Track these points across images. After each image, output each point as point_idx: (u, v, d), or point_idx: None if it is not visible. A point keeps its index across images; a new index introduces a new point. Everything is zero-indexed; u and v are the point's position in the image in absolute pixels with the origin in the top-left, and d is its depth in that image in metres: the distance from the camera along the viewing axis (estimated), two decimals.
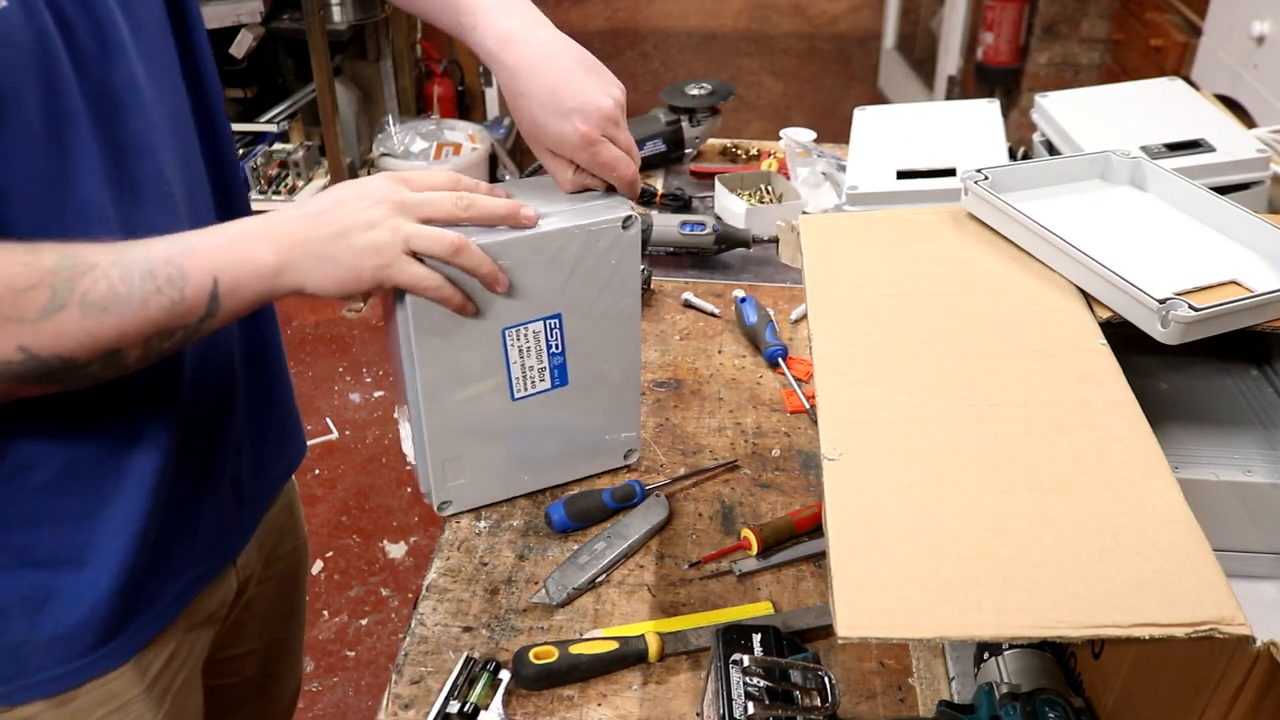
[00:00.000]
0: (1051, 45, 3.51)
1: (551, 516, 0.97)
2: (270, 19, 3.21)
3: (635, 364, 0.98)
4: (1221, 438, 0.80)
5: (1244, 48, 2.44)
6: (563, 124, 0.84)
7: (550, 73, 0.85)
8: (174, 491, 0.82)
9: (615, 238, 0.88)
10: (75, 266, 0.65)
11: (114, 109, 0.71)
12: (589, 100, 0.85)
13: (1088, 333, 0.72)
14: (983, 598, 0.53)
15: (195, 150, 0.82)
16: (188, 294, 0.69)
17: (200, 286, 0.69)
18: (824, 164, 1.53)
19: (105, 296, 0.66)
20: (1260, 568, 0.77)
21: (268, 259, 0.72)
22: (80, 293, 0.65)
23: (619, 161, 0.87)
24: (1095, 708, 0.70)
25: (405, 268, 0.77)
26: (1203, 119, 1.12)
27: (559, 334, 0.91)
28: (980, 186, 0.85)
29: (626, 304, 0.93)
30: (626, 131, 0.88)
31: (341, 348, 2.96)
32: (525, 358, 0.90)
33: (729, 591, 0.92)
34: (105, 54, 0.71)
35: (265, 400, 0.96)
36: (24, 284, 0.63)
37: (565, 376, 0.94)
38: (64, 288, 0.64)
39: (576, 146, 0.85)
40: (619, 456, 1.04)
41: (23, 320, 0.64)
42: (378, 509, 2.42)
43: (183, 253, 0.69)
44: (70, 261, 0.65)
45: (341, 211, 0.76)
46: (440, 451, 0.93)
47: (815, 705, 0.69)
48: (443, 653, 0.86)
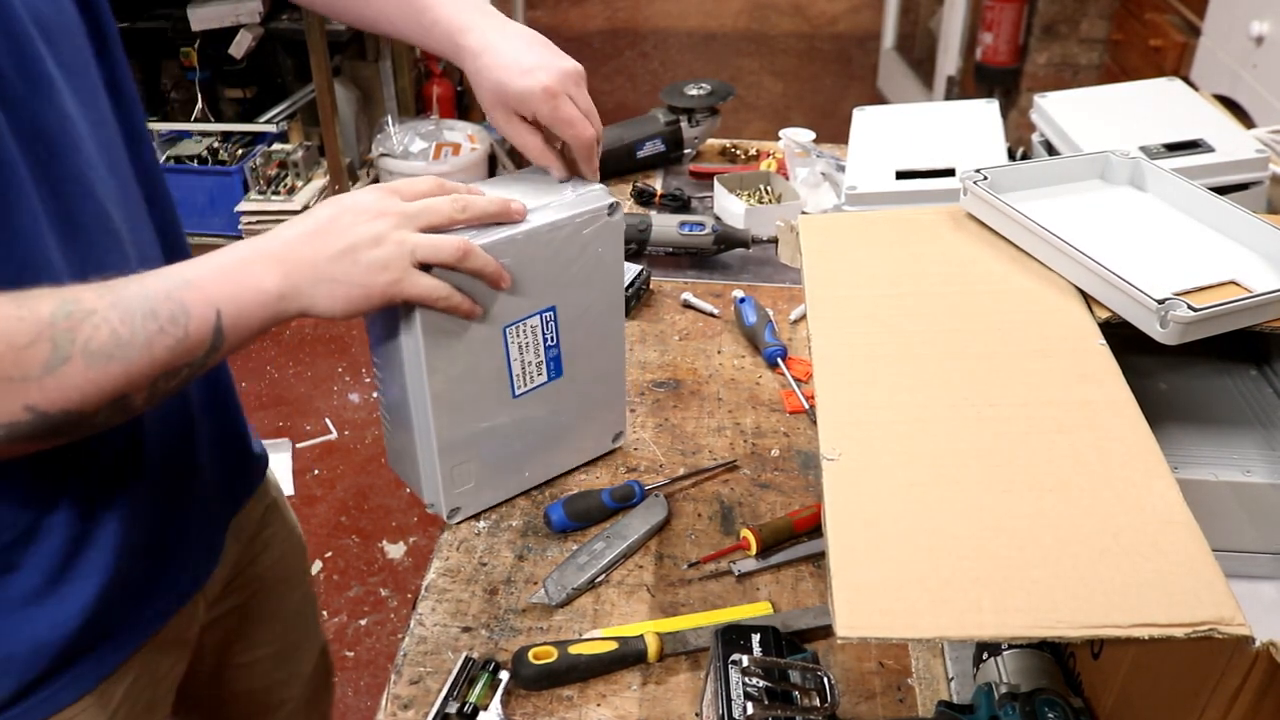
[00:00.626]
0: (1051, 45, 3.51)
1: (550, 517, 0.97)
2: (269, 19, 3.21)
3: (621, 346, 1.00)
4: (1221, 438, 0.80)
5: (1243, 48, 2.44)
6: (527, 79, 0.85)
7: (514, 43, 0.87)
8: (145, 537, 0.80)
9: (602, 225, 0.89)
10: (73, 314, 0.62)
11: (49, 150, 0.68)
12: (552, 60, 0.87)
13: (1087, 333, 0.72)
14: (982, 598, 0.53)
15: (130, 178, 0.79)
16: (191, 330, 0.67)
17: (204, 320, 0.67)
18: (823, 164, 1.53)
19: (108, 343, 0.63)
20: (1259, 568, 0.77)
21: (270, 285, 0.70)
22: (82, 342, 0.62)
23: (578, 120, 0.87)
24: (1094, 708, 0.70)
25: (416, 281, 0.77)
26: (1202, 119, 1.12)
27: (554, 326, 0.91)
28: (979, 187, 0.85)
29: (612, 288, 0.95)
30: (587, 96, 0.89)
31: (341, 348, 2.96)
32: (524, 354, 0.91)
33: (728, 592, 0.92)
34: (35, 93, 0.67)
35: (222, 423, 0.94)
36: (24, 340, 0.60)
37: (560, 368, 0.94)
38: (65, 339, 0.61)
39: (540, 99, 0.85)
40: (609, 440, 1.05)
41: (27, 379, 0.61)
42: (377, 509, 2.42)
43: (180, 286, 0.67)
44: (68, 308, 0.62)
45: (342, 227, 0.73)
46: (449, 459, 0.92)
47: (814, 705, 0.69)
48: (442, 653, 0.86)
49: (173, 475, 0.84)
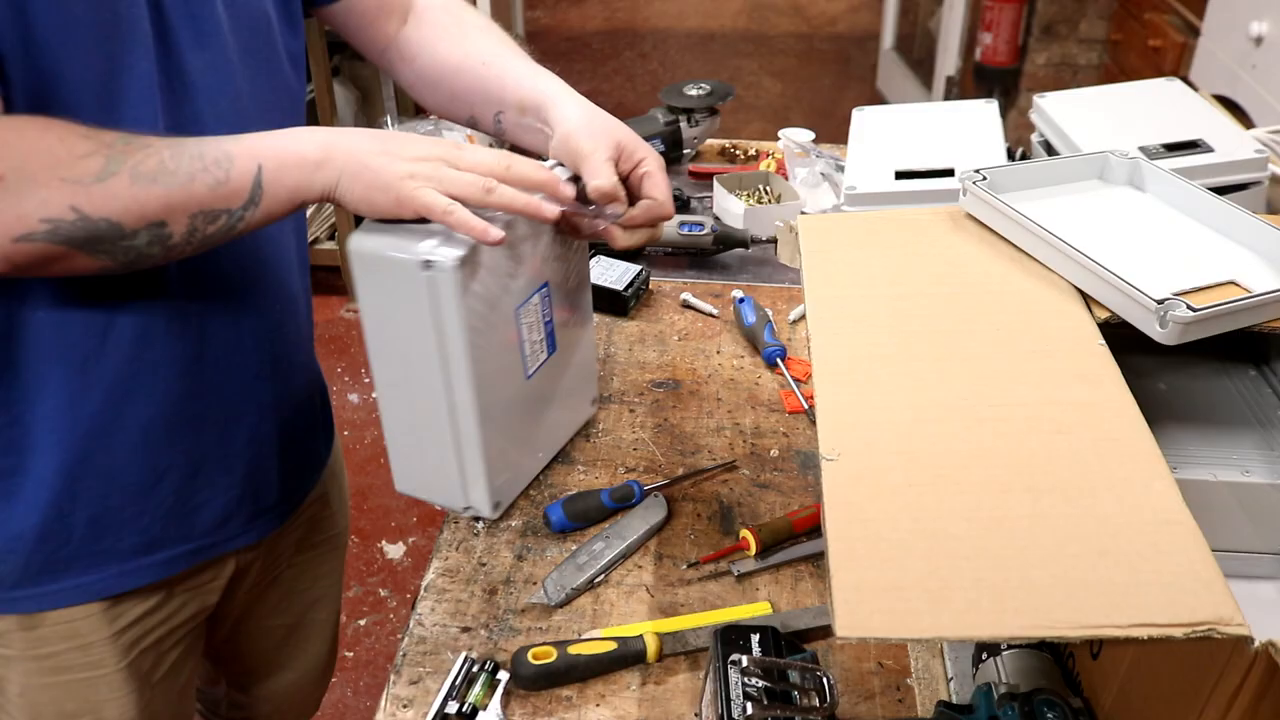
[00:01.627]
0: (1050, 46, 3.51)
1: (550, 517, 0.97)
2: None
3: (590, 311, 1.02)
4: (1220, 438, 0.80)
5: (1242, 48, 2.44)
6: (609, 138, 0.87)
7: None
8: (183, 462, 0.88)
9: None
10: (132, 143, 0.70)
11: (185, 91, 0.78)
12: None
13: (1086, 333, 0.72)
14: (981, 598, 0.53)
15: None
16: (233, 175, 0.73)
17: (245, 171, 0.73)
18: (822, 164, 1.53)
19: (155, 169, 0.70)
20: (1258, 568, 0.77)
21: (311, 152, 0.76)
22: (133, 164, 0.70)
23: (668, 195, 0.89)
24: (1094, 708, 0.70)
25: (433, 193, 0.77)
26: (1201, 119, 1.12)
27: (549, 301, 0.92)
28: (979, 187, 0.85)
29: (580, 254, 0.97)
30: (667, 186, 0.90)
31: (340, 348, 2.96)
32: (532, 333, 0.92)
33: (727, 592, 0.92)
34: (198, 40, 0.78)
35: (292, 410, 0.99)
36: (83, 151, 0.69)
37: (554, 343, 0.96)
38: (118, 158, 0.69)
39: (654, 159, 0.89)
40: (589, 406, 1.09)
41: (79, 182, 0.68)
42: (376, 509, 2.42)
43: (232, 141, 0.74)
44: (128, 139, 0.71)
45: (389, 137, 0.79)
46: (489, 454, 0.91)
47: (814, 706, 0.69)
48: (441, 653, 0.86)
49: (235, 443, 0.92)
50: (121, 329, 0.80)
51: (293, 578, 1.13)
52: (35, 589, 0.86)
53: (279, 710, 1.26)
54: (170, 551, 0.91)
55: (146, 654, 0.94)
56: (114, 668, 0.92)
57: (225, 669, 1.21)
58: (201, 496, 0.91)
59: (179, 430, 0.86)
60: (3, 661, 0.90)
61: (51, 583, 0.86)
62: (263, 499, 0.97)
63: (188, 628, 0.98)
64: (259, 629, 1.14)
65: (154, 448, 0.86)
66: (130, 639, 0.92)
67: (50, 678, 0.91)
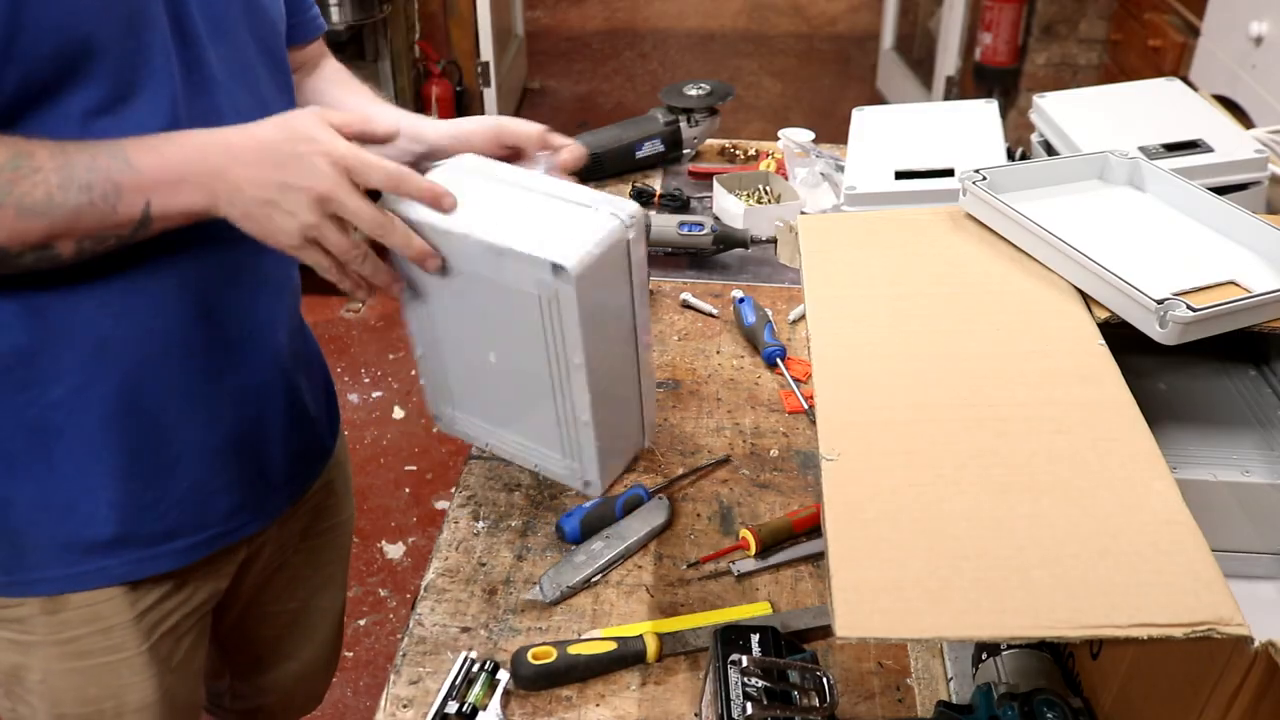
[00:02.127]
0: (1050, 46, 3.51)
1: (564, 528, 0.97)
2: None
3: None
4: (1220, 438, 0.80)
5: (1242, 48, 2.44)
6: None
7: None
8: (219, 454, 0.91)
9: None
10: (20, 169, 0.70)
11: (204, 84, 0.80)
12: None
13: (1086, 333, 0.72)
14: (981, 598, 0.53)
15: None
16: (120, 210, 0.73)
17: (132, 206, 0.74)
18: (822, 164, 1.53)
19: (41, 201, 0.71)
20: (1258, 568, 0.77)
21: (200, 202, 0.75)
22: (18, 195, 0.70)
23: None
24: (1093, 708, 0.70)
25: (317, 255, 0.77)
26: (1201, 119, 1.12)
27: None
28: (978, 187, 0.85)
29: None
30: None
31: (340, 348, 2.96)
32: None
33: (727, 592, 0.92)
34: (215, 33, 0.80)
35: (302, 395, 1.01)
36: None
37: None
38: (4, 187, 0.70)
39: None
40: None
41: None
42: (376, 509, 2.42)
43: (123, 170, 0.73)
44: (17, 163, 0.70)
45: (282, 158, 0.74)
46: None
47: (813, 705, 0.69)
48: (441, 653, 0.86)
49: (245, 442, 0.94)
50: (135, 313, 0.81)
51: (299, 564, 1.14)
52: (58, 570, 0.87)
53: (283, 701, 1.27)
54: (188, 540, 0.92)
55: (165, 638, 0.95)
56: (135, 651, 0.93)
57: (231, 658, 1.22)
58: (217, 483, 0.92)
59: (194, 414, 0.88)
60: (22, 649, 0.90)
61: (74, 565, 0.87)
62: (273, 485, 0.99)
63: (201, 612, 0.99)
64: (265, 615, 1.15)
65: (170, 432, 0.87)
66: (150, 622, 0.93)
67: (72, 663, 0.91)
